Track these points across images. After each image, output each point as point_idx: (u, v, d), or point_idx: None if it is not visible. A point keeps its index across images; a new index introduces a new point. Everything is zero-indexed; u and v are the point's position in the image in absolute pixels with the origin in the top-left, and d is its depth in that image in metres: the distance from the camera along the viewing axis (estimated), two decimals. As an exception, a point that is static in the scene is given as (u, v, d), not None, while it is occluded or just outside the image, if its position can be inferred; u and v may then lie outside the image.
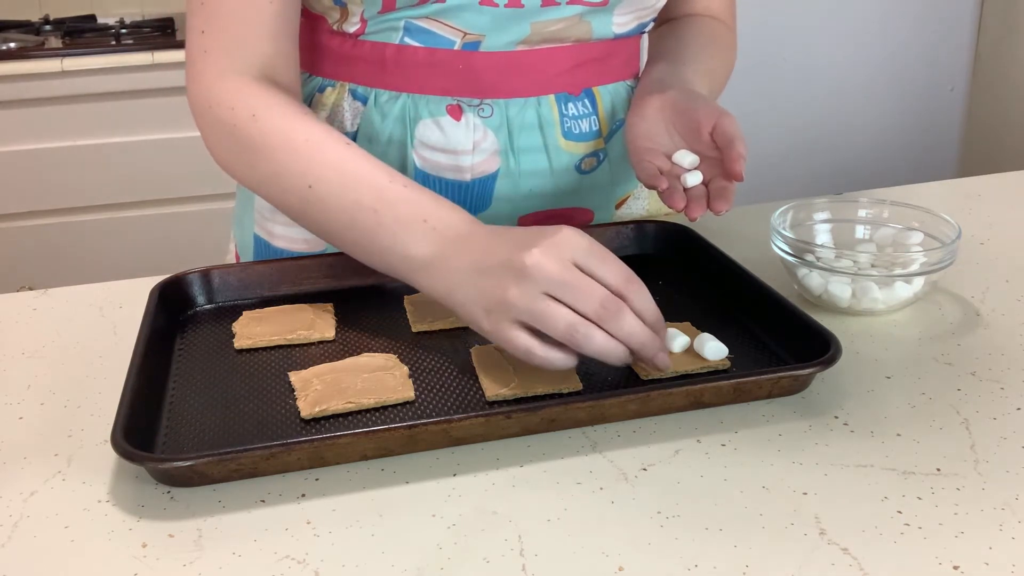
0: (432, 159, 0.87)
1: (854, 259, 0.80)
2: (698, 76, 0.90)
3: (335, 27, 0.86)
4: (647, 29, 0.94)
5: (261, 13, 0.78)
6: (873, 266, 0.79)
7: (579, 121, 0.90)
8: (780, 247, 0.80)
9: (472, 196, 0.89)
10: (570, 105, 0.90)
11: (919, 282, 0.77)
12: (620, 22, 0.88)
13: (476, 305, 0.66)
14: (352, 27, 0.84)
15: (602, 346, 0.63)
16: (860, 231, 0.87)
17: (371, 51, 0.85)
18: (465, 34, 0.83)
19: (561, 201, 0.91)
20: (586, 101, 0.90)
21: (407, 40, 0.84)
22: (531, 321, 0.63)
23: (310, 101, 0.90)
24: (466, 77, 0.85)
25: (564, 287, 0.62)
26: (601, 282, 0.63)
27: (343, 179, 0.73)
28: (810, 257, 0.80)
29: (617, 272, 0.64)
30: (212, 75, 0.78)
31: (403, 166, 0.87)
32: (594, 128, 0.91)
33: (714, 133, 0.78)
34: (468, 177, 0.88)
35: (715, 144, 0.78)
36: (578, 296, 0.62)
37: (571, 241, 0.64)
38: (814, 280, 0.79)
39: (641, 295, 0.64)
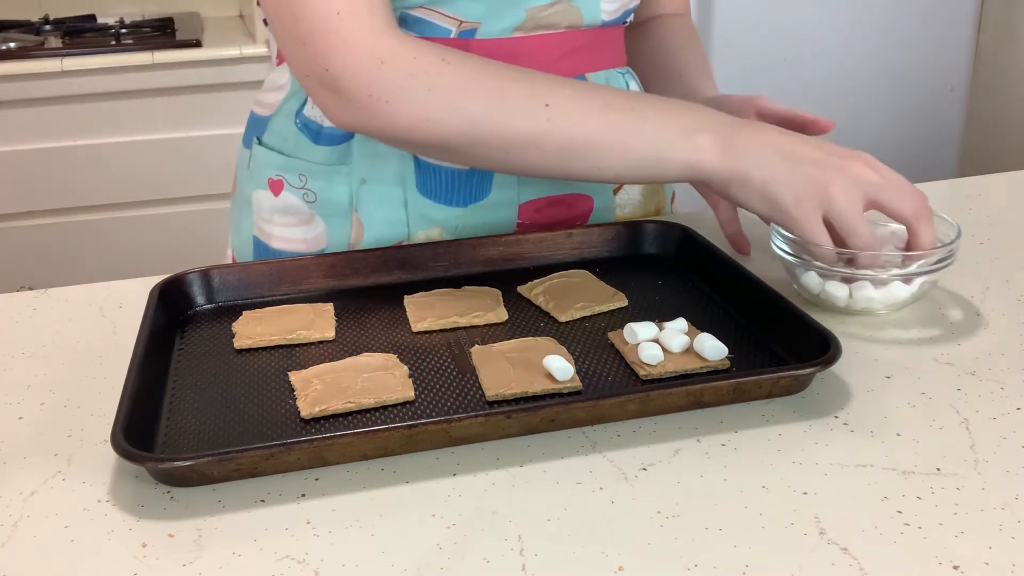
0: None
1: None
2: (703, 79, 0.97)
3: None
4: (629, 19, 0.95)
5: None
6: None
7: None
8: (779, 246, 0.80)
9: (472, 183, 0.89)
10: None
11: (918, 282, 0.77)
12: (608, 9, 0.90)
13: (788, 188, 0.72)
14: None
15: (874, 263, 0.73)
16: None
17: None
18: (461, 22, 0.83)
19: (560, 188, 0.92)
20: None
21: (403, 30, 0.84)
22: (841, 222, 0.71)
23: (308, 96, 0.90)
24: None
25: (884, 188, 0.71)
26: None
27: (578, 91, 0.75)
28: (808, 256, 0.80)
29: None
30: (366, 33, 0.74)
31: (403, 155, 0.87)
32: None
33: (765, 119, 0.84)
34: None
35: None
36: (897, 193, 0.72)
37: (877, 163, 0.73)
38: (812, 279, 0.79)
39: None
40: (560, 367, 0.66)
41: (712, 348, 0.69)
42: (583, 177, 0.78)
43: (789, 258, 0.79)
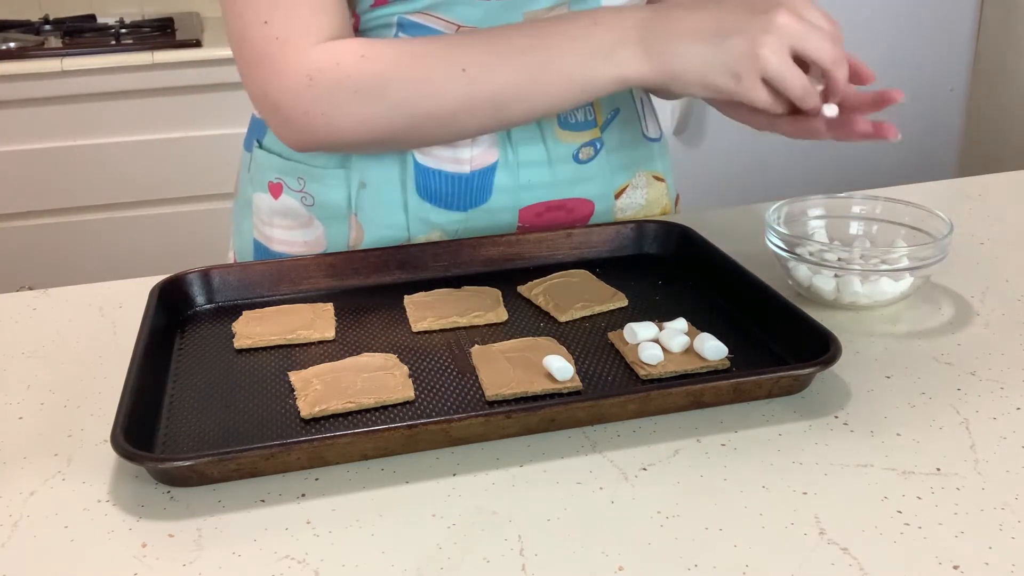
0: (431, 151, 0.87)
1: (839, 254, 0.80)
2: None
3: None
4: None
5: None
6: (862, 257, 0.80)
7: (574, 111, 0.91)
8: (773, 242, 0.80)
9: (473, 188, 0.89)
10: None
11: (908, 279, 0.77)
12: None
13: (722, 69, 0.72)
14: None
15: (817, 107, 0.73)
16: (854, 227, 0.87)
17: None
18: (459, 27, 0.84)
19: (561, 192, 0.92)
20: None
21: (401, 35, 0.84)
22: (777, 81, 0.71)
23: None
24: None
25: (807, 36, 0.71)
26: None
27: (487, 45, 0.75)
28: (800, 251, 0.80)
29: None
30: (298, 56, 0.76)
31: (403, 159, 0.87)
32: (589, 117, 0.92)
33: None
34: (468, 169, 0.88)
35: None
36: (820, 41, 0.72)
37: (802, 2, 0.73)
38: (801, 273, 0.79)
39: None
40: (560, 367, 0.66)
41: (712, 348, 0.69)
42: (523, 123, 0.80)
43: (781, 252, 0.80)
